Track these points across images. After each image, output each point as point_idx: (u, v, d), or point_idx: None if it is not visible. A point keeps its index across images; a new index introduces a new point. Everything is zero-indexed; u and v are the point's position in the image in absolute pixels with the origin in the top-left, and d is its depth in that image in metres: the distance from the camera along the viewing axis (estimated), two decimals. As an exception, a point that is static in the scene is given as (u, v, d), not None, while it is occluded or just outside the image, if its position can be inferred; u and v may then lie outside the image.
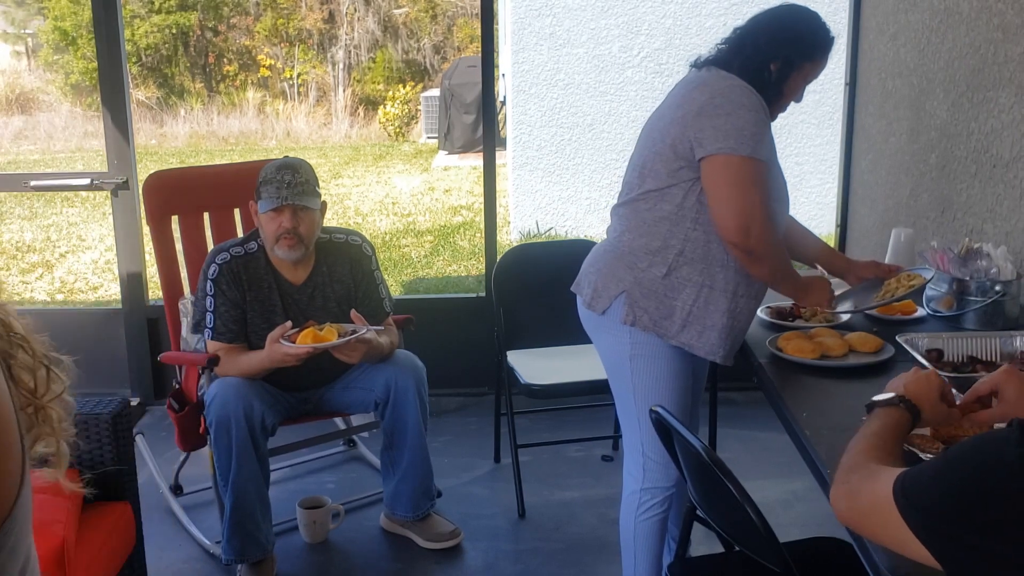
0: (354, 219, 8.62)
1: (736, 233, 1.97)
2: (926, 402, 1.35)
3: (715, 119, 1.97)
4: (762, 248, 1.99)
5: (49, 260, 7.48)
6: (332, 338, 2.52)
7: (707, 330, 2.08)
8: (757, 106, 1.99)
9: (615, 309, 2.11)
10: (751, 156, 1.95)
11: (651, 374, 2.13)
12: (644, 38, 7.17)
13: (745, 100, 1.98)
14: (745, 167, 1.96)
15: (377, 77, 15.59)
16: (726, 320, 2.08)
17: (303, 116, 14.36)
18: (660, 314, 2.08)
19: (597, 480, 3.25)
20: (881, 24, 3.56)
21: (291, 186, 2.58)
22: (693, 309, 2.06)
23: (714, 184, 1.99)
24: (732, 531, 1.79)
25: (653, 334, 2.09)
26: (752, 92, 2.00)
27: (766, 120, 2.01)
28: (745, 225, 1.96)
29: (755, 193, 1.97)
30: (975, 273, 2.27)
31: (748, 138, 1.95)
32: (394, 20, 16.08)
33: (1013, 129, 2.53)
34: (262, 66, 15.53)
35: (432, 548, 2.82)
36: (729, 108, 1.97)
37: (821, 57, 2.08)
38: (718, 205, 1.99)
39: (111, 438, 2.20)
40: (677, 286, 2.07)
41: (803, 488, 3.06)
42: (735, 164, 1.96)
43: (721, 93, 1.99)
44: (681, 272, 2.06)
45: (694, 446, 1.65)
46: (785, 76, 2.05)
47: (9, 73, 15.50)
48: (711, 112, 1.98)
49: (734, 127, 1.95)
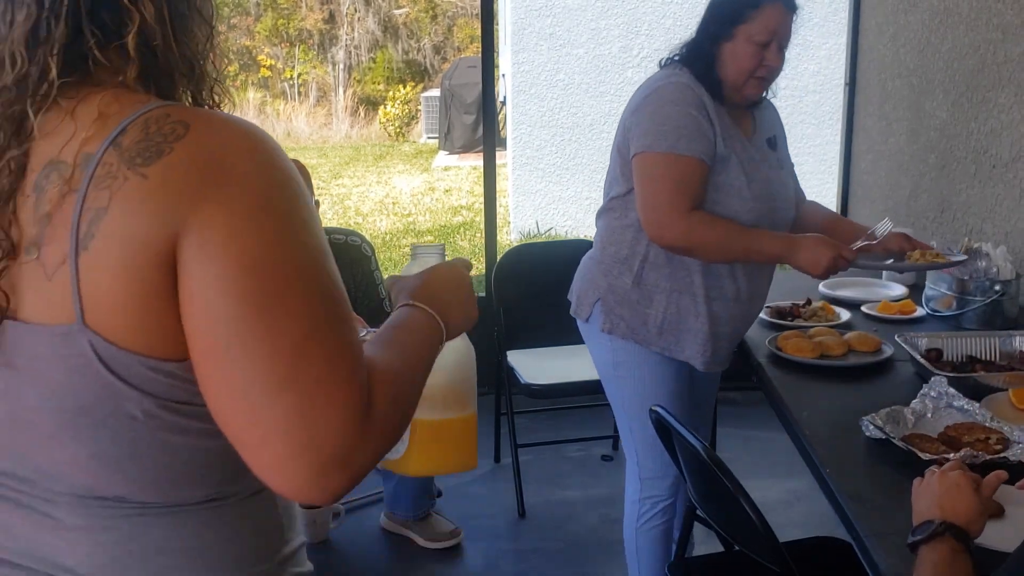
0: (354, 219, 8.63)
1: (650, 228, 1.94)
2: (973, 519, 1.12)
3: (641, 118, 1.94)
4: (680, 240, 1.92)
5: (50, 260, 7.49)
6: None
7: (685, 335, 2.03)
8: (687, 101, 1.92)
9: (595, 316, 2.09)
10: (668, 151, 1.90)
11: (635, 383, 2.08)
12: (644, 38, 7.17)
13: (673, 96, 1.93)
14: (658, 162, 1.91)
15: (377, 77, 15.61)
16: (706, 325, 2.02)
17: (303, 116, 14.37)
18: (636, 321, 2.04)
19: (597, 479, 3.25)
20: (881, 24, 3.57)
21: None
22: (667, 316, 2.02)
23: (636, 183, 1.96)
24: (732, 531, 1.79)
25: (632, 341, 2.06)
26: (685, 88, 1.93)
27: (698, 116, 1.91)
28: (655, 220, 1.92)
29: (664, 187, 1.91)
30: (974, 273, 2.27)
31: (667, 133, 1.90)
32: (394, 20, 16.09)
33: (1012, 129, 2.53)
34: (262, 66, 15.54)
35: (432, 548, 2.82)
36: (655, 106, 1.94)
37: (751, 12, 1.90)
38: (637, 204, 1.97)
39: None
40: (648, 293, 2.03)
41: (803, 488, 3.06)
42: (649, 160, 1.92)
43: (654, 91, 1.96)
44: (649, 278, 2.03)
45: (694, 445, 1.65)
46: (716, 53, 1.93)
47: (10, 73, 15.50)
48: (639, 112, 1.96)
49: (654, 124, 1.92)
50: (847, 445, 1.61)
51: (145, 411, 0.77)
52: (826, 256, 1.90)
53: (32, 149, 0.77)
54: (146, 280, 0.74)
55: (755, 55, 1.92)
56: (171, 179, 0.74)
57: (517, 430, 3.11)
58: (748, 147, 2.01)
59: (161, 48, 0.81)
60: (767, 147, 2.07)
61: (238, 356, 0.73)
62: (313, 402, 0.73)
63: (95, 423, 0.77)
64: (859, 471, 1.53)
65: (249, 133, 0.78)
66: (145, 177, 0.74)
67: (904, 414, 1.65)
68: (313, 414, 0.73)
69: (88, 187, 0.74)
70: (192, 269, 0.73)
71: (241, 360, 0.73)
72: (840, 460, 1.55)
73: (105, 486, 0.80)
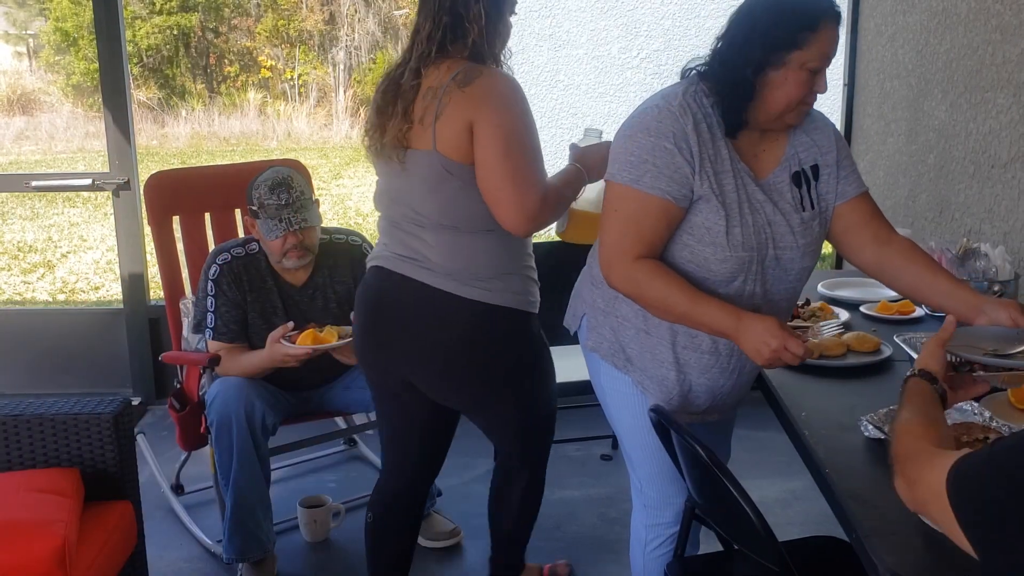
0: (355, 219, 8.63)
1: (601, 266, 1.79)
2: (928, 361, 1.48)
3: (618, 140, 1.78)
4: (622, 285, 1.75)
5: (50, 260, 7.49)
6: (332, 339, 2.53)
7: (650, 379, 1.86)
8: (661, 132, 1.70)
9: (583, 331, 1.99)
10: (628, 184, 1.71)
11: (629, 412, 1.92)
12: (643, 39, 7.18)
13: (649, 123, 1.72)
14: (619, 195, 1.74)
15: (378, 78, 15.56)
16: (673, 373, 1.83)
17: (304, 117, 14.38)
18: (614, 346, 1.90)
19: (597, 479, 3.26)
20: (879, 25, 3.58)
21: (290, 206, 2.59)
22: (637, 352, 1.86)
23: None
24: (731, 530, 1.80)
25: (611, 365, 1.91)
26: (666, 116, 1.71)
27: (673, 149, 1.69)
28: (604, 257, 1.77)
29: (615, 225, 1.74)
30: (973, 273, 2.28)
31: (633, 165, 1.71)
32: (394, 21, 16.09)
33: (1011, 130, 2.54)
34: (263, 67, 15.55)
35: (432, 547, 2.83)
36: (631, 130, 1.75)
37: (809, 37, 1.66)
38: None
39: (112, 438, 2.21)
40: (620, 324, 1.88)
41: (801, 487, 3.07)
42: (611, 191, 1.76)
43: (638, 113, 1.77)
44: (620, 309, 1.87)
45: (693, 446, 1.66)
46: (760, 81, 1.68)
47: (11, 74, 15.52)
48: (619, 133, 1.79)
49: (622, 151, 1.74)
50: (846, 445, 1.61)
51: (458, 185, 1.96)
52: (767, 347, 1.63)
53: (421, 83, 1.97)
54: (462, 135, 1.92)
55: (807, 83, 1.69)
56: (473, 95, 1.91)
57: (517, 430, 3.11)
58: (750, 186, 1.75)
59: (479, 42, 1.97)
60: (789, 185, 1.79)
61: (495, 167, 1.92)
62: (524, 190, 1.92)
63: (440, 190, 1.97)
64: (858, 471, 1.53)
65: (510, 80, 1.98)
66: (463, 93, 1.91)
67: (902, 414, 1.65)
68: (521, 194, 1.92)
69: (441, 95, 1.92)
70: (478, 133, 1.91)
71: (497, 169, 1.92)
72: (839, 460, 1.56)
73: (444, 220, 1.99)
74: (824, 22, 1.67)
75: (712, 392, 1.88)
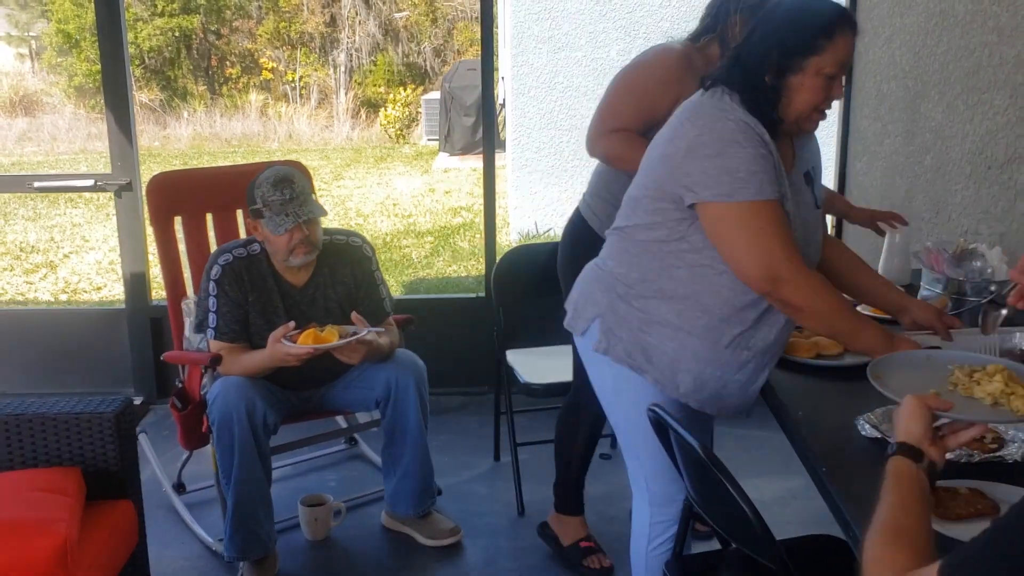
0: (355, 220, 8.65)
1: (761, 283, 1.78)
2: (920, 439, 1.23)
3: (704, 161, 1.76)
4: (798, 295, 1.77)
5: (53, 261, 7.50)
6: (333, 339, 2.54)
7: (679, 372, 1.89)
8: (751, 141, 1.74)
9: (591, 333, 1.98)
10: (753, 199, 1.74)
11: (639, 415, 1.90)
12: (642, 42, 7.18)
13: (737, 136, 1.74)
14: (748, 212, 1.75)
15: (378, 80, 15.62)
16: (708, 370, 1.88)
17: (305, 118, 14.39)
18: (633, 347, 1.91)
19: (596, 478, 3.26)
20: (876, 27, 3.59)
21: (294, 201, 2.60)
22: (667, 350, 1.88)
23: (719, 235, 1.79)
24: (729, 529, 1.81)
25: (627, 367, 1.92)
26: (745, 127, 1.75)
27: (766, 154, 1.75)
28: (769, 274, 1.76)
29: (769, 236, 1.75)
30: (970, 273, 2.29)
31: (744, 180, 1.73)
32: (395, 24, 16.11)
33: (1008, 131, 2.55)
34: (264, 69, 15.57)
35: (432, 545, 2.84)
36: (719, 147, 1.74)
37: (826, 44, 1.73)
38: (731, 256, 1.79)
39: (114, 437, 2.22)
40: (651, 323, 1.89)
41: (799, 486, 3.08)
42: (735, 211, 1.75)
43: (710, 129, 1.77)
44: (657, 309, 1.88)
45: (691, 444, 1.67)
46: (782, 87, 1.76)
47: (13, 75, 15.55)
48: (700, 152, 1.77)
49: (725, 169, 1.74)
50: (843, 444, 1.62)
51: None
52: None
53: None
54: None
55: (824, 88, 1.76)
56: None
57: (516, 429, 3.13)
58: (791, 185, 1.84)
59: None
60: (804, 183, 1.91)
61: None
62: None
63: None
64: (855, 470, 1.53)
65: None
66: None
67: (899, 413, 1.66)
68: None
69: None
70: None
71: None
72: (836, 459, 1.56)
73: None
74: (840, 29, 1.75)
75: (744, 389, 1.94)
